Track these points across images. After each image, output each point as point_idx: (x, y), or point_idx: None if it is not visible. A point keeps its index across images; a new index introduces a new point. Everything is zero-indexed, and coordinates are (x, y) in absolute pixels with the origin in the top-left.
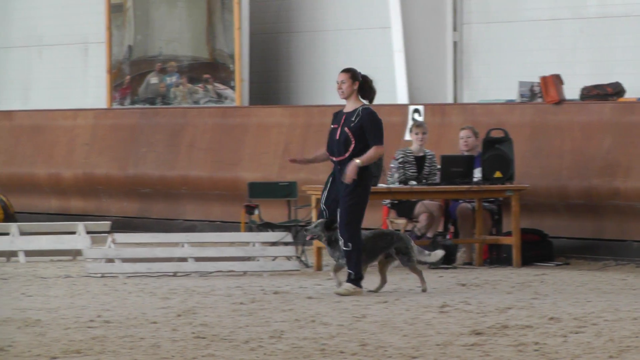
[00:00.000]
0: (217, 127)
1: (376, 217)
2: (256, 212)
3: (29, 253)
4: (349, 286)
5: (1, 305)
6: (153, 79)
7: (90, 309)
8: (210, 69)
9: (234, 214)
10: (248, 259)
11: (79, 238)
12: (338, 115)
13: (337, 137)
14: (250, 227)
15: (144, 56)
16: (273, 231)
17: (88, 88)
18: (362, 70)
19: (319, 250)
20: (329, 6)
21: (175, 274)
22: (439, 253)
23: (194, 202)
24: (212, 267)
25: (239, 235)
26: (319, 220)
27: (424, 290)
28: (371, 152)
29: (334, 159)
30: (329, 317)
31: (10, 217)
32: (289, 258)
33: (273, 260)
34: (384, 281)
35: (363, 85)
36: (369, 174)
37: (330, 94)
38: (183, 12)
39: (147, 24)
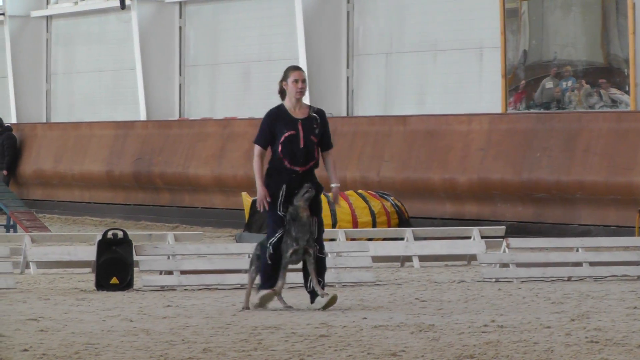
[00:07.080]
0: (612, 132)
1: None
2: None
3: (423, 258)
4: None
5: (395, 309)
6: (548, 84)
7: (485, 313)
8: (605, 74)
9: (629, 218)
10: None
11: (473, 243)
12: (286, 119)
13: (302, 146)
14: None
15: (538, 61)
16: None
17: (482, 93)
18: None
19: None
20: None
21: (569, 279)
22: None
23: (589, 206)
24: (606, 272)
25: (634, 239)
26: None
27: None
28: (334, 162)
29: (298, 169)
30: None
31: (404, 222)
32: None
33: None
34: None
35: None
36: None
37: None
38: (577, 16)
39: (541, 28)
